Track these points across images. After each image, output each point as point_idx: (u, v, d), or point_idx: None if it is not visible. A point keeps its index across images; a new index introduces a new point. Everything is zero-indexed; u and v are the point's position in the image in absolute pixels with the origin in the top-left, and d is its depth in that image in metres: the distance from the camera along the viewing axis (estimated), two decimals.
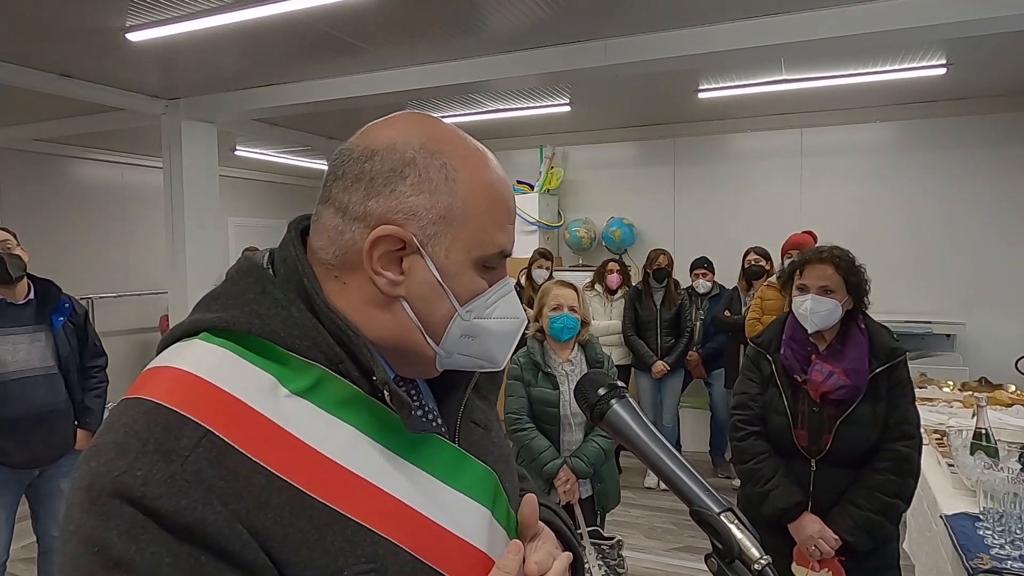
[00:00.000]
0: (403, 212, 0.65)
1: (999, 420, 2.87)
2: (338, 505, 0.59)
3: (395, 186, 0.65)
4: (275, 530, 0.55)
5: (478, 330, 0.70)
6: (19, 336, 2.73)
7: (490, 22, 3.55)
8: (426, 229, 0.66)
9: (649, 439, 0.70)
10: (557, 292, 2.65)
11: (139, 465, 0.52)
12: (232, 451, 0.55)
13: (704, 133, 6.21)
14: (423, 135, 0.68)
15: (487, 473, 0.73)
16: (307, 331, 0.64)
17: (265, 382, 0.60)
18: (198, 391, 0.58)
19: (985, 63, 4.43)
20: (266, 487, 0.56)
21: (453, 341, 0.70)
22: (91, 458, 0.55)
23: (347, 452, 0.61)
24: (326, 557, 0.57)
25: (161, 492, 0.51)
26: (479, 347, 0.71)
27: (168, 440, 0.54)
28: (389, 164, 0.66)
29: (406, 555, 0.61)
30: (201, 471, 0.53)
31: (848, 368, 1.95)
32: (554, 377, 2.63)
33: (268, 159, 7.55)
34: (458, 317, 0.69)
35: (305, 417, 0.61)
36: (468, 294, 0.69)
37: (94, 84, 4.52)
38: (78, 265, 6.51)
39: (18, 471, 2.75)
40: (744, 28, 3.50)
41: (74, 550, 0.52)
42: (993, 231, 5.33)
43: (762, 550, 0.61)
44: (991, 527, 1.92)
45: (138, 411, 0.56)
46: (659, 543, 3.98)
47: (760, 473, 2.04)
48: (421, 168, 0.66)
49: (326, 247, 0.67)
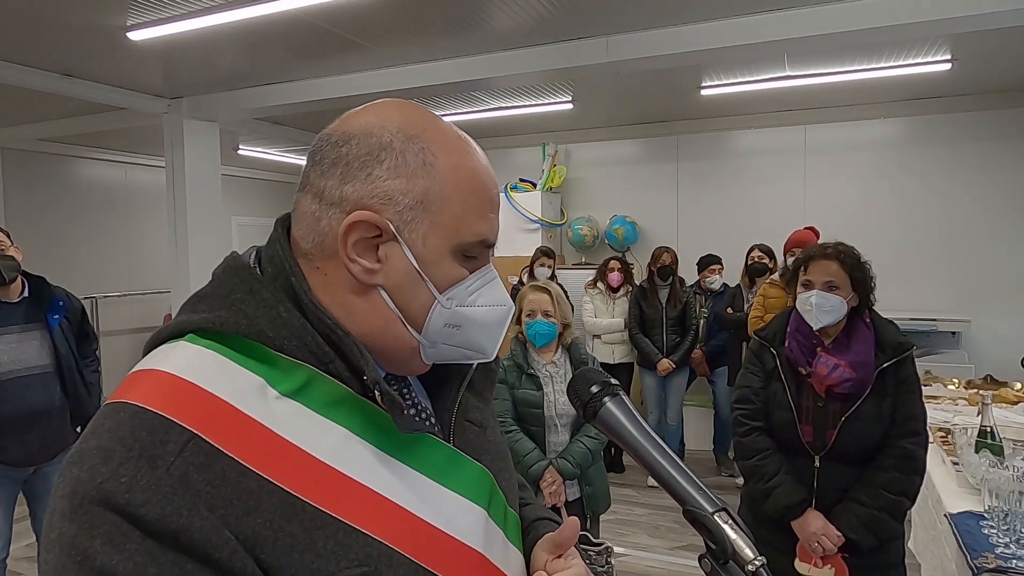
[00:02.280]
0: (379, 197, 0.64)
1: (1004, 418, 2.85)
2: (329, 508, 0.58)
3: (371, 170, 0.64)
4: (265, 535, 0.54)
5: (461, 319, 0.68)
6: (13, 335, 2.72)
7: (492, 19, 3.54)
8: (403, 215, 0.64)
9: (643, 437, 0.69)
10: (531, 298, 2.61)
11: (123, 471, 0.51)
12: (220, 455, 0.55)
13: (707, 130, 6.18)
14: (402, 120, 0.67)
15: (482, 472, 0.72)
16: (296, 331, 0.63)
17: (253, 384, 0.60)
18: (184, 395, 0.57)
19: (990, 58, 4.40)
20: (255, 491, 0.55)
21: (436, 331, 0.68)
22: (74, 464, 0.53)
23: (338, 453, 0.61)
24: (318, 560, 0.56)
25: (146, 499, 0.50)
26: (465, 337, 0.69)
27: (153, 445, 0.53)
28: (365, 148, 0.65)
29: (400, 557, 0.60)
30: (187, 476, 0.52)
31: (854, 361, 1.93)
32: (537, 378, 2.60)
33: (271, 158, 7.55)
34: (438, 305, 0.67)
35: (295, 419, 0.60)
36: (447, 282, 0.67)
37: (96, 83, 4.53)
38: (81, 265, 6.53)
39: (14, 469, 2.76)
40: (747, 24, 3.48)
41: (56, 559, 0.51)
42: (999, 228, 5.30)
43: (756, 550, 0.60)
44: (996, 526, 1.91)
45: (123, 416, 0.55)
46: (662, 542, 3.96)
47: (763, 469, 2.02)
48: (398, 152, 0.65)
49: (305, 235, 0.66)
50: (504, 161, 6.85)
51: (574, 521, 0.72)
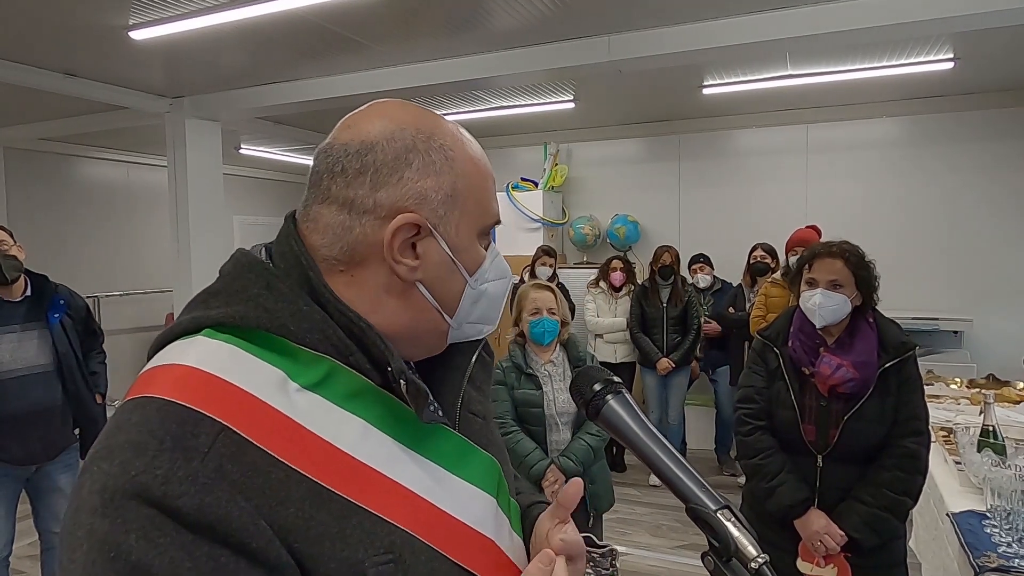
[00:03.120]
0: (413, 198, 0.66)
1: (1007, 417, 2.84)
2: (355, 497, 0.59)
3: (402, 173, 0.66)
4: (297, 524, 0.55)
5: (481, 295, 0.73)
6: (14, 334, 2.71)
7: (494, 18, 3.54)
8: (436, 210, 0.68)
9: (645, 435, 0.69)
10: (535, 296, 2.61)
11: (158, 463, 0.51)
12: (250, 446, 0.55)
13: (709, 129, 6.18)
14: (413, 121, 0.69)
15: (491, 461, 0.75)
16: (317, 324, 0.64)
17: (275, 377, 0.60)
18: (210, 387, 0.57)
19: (993, 57, 4.39)
20: (285, 481, 0.56)
21: (465, 312, 0.73)
22: (102, 459, 0.53)
23: (359, 444, 0.62)
24: (348, 549, 0.57)
25: (183, 490, 0.51)
26: (482, 311, 0.75)
27: (185, 437, 0.53)
28: (392, 153, 0.66)
29: (421, 544, 0.62)
30: (222, 467, 0.53)
31: (857, 361, 1.93)
32: (536, 378, 2.60)
33: (272, 157, 7.56)
34: (468, 287, 0.72)
35: (316, 411, 0.61)
36: (474, 265, 0.72)
37: (98, 83, 4.54)
38: (83, 264, 6.54)
39: (16, 467, 2.76)
40: (749, 23, 3.48)
41: (84, 556, 0.50)
42: (1001, 227, 5.29)
43: (759, 548, 0.60)
44: (998, 525, 1.90)
45: (150, 409, 0.55)
46: (664, 541, 3.96)
47: (766, 468, 2.02)
48: (423, 152, 0.67)
49: (330, 244, 0.67)
50: (506, 160, 6.84)
51: (576, 481, 0.73)
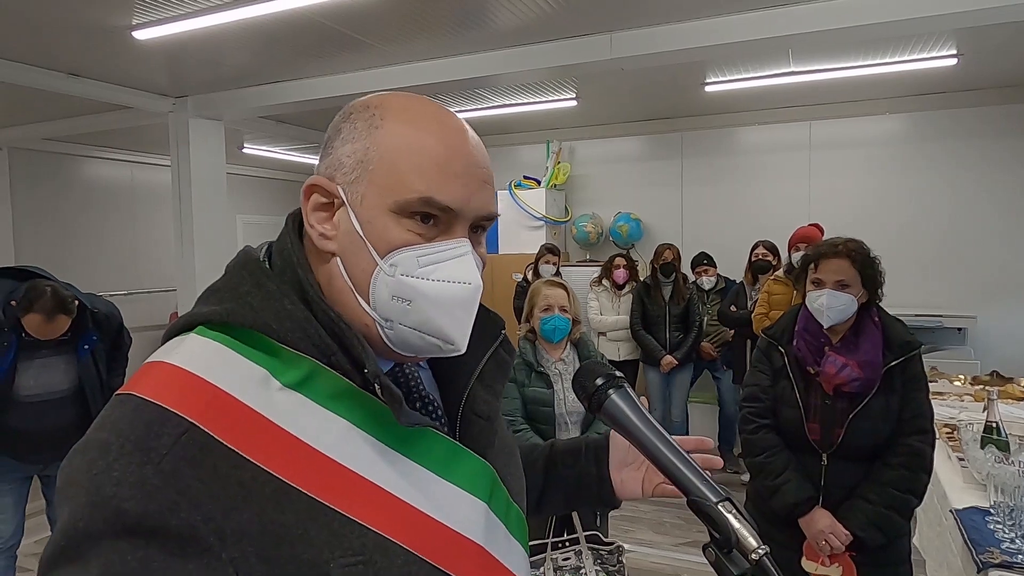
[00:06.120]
0: (333, 165, 0.67)
1: (1010, 414, 2.84)
2: (325, 498, 0.58)
3: (334, 143, 0.68)
4: (254, 528, 0.55)
5: (410, 291, 0.64)
6: (40, 360, 2.70)
7: (496, 16, 3.54)
8: (347, 176, 0.66)
9: (647, 429, 0.70)
10: (547, 292, 2.58)
11: (116, 466, 0.53)
12: (216, 445, 0.56)
13: (711, 127, 6.17)
14: (379, 98, 0.69)
15: (483, 466, 0.73)
16: (299, 323, 0.63)
17: (256, 375, 0.61)
18: (187, 386, 0.58)
19: (996, 53, 4.38)
20: (248, 482, 0.56)
21: (384, 304, 0.65)
22: (79, 452, 0.56)
23: (339, 445, 0.61)
24: (311, 551, 0.56)
25: (131, 494, 0.52)
26: (419, 316, 0.65)
27: (148, 438, 0.54)
28: (335, 126, 0.69)
29: (397, 548, 0.61)
30: (178, 471, 0.54)
31: (862, 360, 1.93)
32: (547, 376, 2.58)
33: (276, 156, 7.57)
34: (380, 272, 0.64)
35: (299, 410, 0.61)
36: (386, 245, 0.64)
37: (102, 83, 4.55)
38: (88, 263, 6.55)
39: (27, 465, 2.81)
40: (751, 19, 3.48)
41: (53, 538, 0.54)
42: (1004, 224, 5.28)
43: (760, 539, 0.61)
44: (1002, 521, 1.91)
45: (127, 408, 0.57)
46: (667, 538, 3.97)
47: (771, 467, 2.02)
48: (353, 121, 0.68)
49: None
50: (508, 158, 6.85)
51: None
